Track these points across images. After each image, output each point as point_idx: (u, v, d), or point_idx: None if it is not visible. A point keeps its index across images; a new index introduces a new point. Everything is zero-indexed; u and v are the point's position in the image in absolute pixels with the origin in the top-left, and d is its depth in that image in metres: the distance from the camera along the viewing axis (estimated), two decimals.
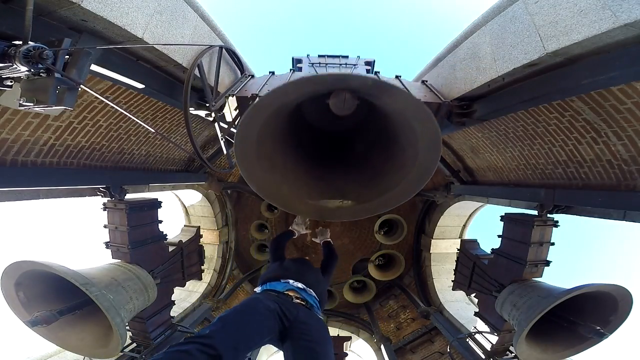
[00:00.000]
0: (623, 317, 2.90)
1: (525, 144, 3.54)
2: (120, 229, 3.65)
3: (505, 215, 4.00)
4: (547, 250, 3.62)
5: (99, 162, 3.51)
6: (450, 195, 5.68)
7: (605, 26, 1.72)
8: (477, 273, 4.31)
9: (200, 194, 6.58)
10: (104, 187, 3.60)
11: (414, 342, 6.44)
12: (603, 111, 2.48)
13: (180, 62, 2.77)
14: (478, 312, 4.47)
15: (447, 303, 6.33)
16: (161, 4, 2.42)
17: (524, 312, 3.09)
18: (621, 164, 2.67)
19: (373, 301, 7.83)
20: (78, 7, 1.74)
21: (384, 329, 7.18)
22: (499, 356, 4.10)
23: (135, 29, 2.13)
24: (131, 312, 3.19)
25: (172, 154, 4.77)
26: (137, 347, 4.04)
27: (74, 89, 1.51)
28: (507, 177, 4.26)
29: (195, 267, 5.09)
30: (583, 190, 3.13)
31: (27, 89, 1.37)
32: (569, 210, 3.42)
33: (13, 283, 2.69)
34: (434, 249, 7.04)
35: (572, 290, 2.80)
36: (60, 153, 2.98)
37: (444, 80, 3.79)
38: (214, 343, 1.44)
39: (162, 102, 3.46)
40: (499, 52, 2.64)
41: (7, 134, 2.44)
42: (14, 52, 1.24)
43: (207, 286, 7.11)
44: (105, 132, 3.28)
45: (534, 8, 2.25)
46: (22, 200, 2.84)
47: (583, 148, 2.91)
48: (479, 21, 3.01)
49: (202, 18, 3.13)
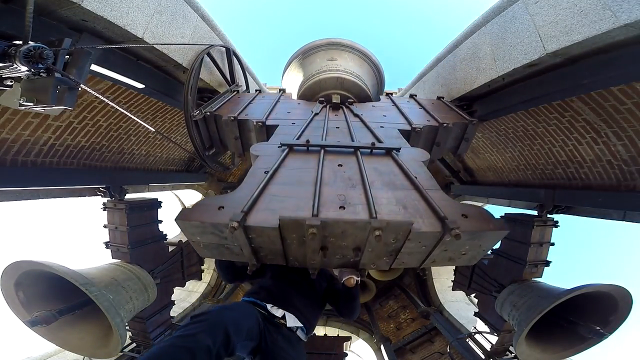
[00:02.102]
0: (623, 317, 2.89)
1: (525, 144, 3.54)
2: (120, 229, 3.65)
3: (505, 215, 4.00)
4: (547, 250, 3.62)
5: (99, 162, 3.51)
6: (450, 195, 5.68)
7: (605, 26, 1.72)
8: (477, 273, 4.31)
9: (200, 194, 6.58)
10: (104, 187, 3.60)
11: (414, 342, 6.44)
12: (603, 111, 2.48)
13: (180, 62, 2.77)
14: (478, 312, 4.47)
15: (447, 303, 6.33)
16: (161, 4, 2.42)
17: (523, 312, 3.09)
18: (621, 164, 2.67)
19: (373, 301, 7.84)
20: (78, 7, 1.74)
21: (384, 329, 7.18)
22: (499, 356, 4.10)
23: (135, 29, 2.13)
24: (131, 312, 3.19)
25: (172, 153, 4.77)
26: (137, 347, 4.03)
27: (74, 89, 1.51)
28: (507, 177, 4.26)
29: (195, 267, 5.09)
30: (583, 190, 3.13)
31: (27, 89, 1.37)
32: (569, 210, 3.42)
33: (13, 283, 2.69)
34: None
35: (571, 290, 2.80)
36: (60, 153, 2.98)
37: (444, 80, 3.79)
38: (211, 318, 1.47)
39: (162, 102, 3.46)
40: (499, 52, 2.64)
41: (7, 134, 2.44)
42: (14, 51, 1.24)
43: (207, 286, 7.12)
44: (105, 132, 3.28)
45: (534, 8, 2.25)
46: (22, 200, 2.84)
47: (583, 148, 2.92)
48: (479, 21, 3.01)
49: (202, 18, 3.14)
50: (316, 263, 1.57)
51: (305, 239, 1.41)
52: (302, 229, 1.36)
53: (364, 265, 1.60)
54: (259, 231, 1.42)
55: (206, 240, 1.53)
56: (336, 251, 1.52)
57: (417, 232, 1.38)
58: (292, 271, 2.28)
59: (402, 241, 1.42)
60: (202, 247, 1.59)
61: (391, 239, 1.40)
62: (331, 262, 1.61)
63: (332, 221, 1.38)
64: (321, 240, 1.43)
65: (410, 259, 1.56)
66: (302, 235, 1.40)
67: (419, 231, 1.38)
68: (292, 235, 1.42)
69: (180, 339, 1.33)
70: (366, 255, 1.49)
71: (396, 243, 1.43)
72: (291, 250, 1.53)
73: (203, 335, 1.35)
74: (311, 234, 1.34)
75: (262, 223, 1.42)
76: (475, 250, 1.52)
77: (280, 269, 2.32)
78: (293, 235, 1.42)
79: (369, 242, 1.41)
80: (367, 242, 1.41)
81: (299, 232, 1.39)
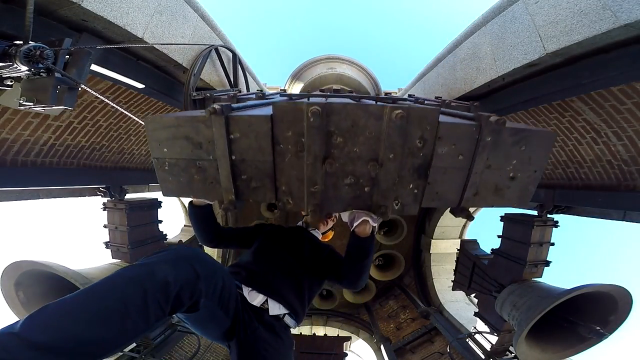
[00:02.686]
0: (623, 317, 2.89)
1: None
2: (120, 229, 3.66)
3: (505, 215, 4.00)
4: (547, 250, 3.61)
5: (99, 162, 3.51)
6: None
7: (605, 26, 1.72)
8: (477, 273, 4.31)
9: None
10: (104, 187, 3.60)
11: (414, 342, 6.43)
12: (603, 111, 2.48)
13: (180, 62, 2.77)
14: (478, 312, 4.46)
15: (447, 303, 6.33)
16: (161, 4, 2.42)
17: (523, 312, 3.09)
18: (621, 164, 2.67)
19: (373, 301, 7.83)
20: (78, 7, 1.74)
21: (384, 329, 7.17)
22: (499, 356, 4.10)
23: (135, 29, 2.13)
24: None
25: None
26: (137, 347, 4.03)
27: (74, 89, 1.51)
28: None
29: None
30: (583, 190, 3.13)
31: (27, 89, 1.38)
32: (569, 210, 3.42)
33: (13, 283, 2.69)
34: (434, 249, 7.04)
35: (571, 290, 2.80)
36: (60, 153, 2.98)
37: (444, 80, 3.79)
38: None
39: (162, 102, 3.46)
40: (499, 52, 2.64)
41: (7, 134, 2.44)
42: (15, 51, 1.24)
43: None
44: (105, 132, 3.28)
45: (534, 8, 2.25)
46: (22, 200, 2.85)
47: (583, 148, 2.92)
48: (479, 21, 3.01)
49: (202, 18, 3.14)
50: (317, 192, 1.17)
51: (304, 141, 1.11)
52: (302, 116, 1.07)
53: (385, 200, 1.18)
54: (244, 124, 1.10)
55: (174, 152, 1.18)
56: (346, 167, 1.15)
57: (448, 123, 1.10)
58: (281, 246, 1.83)
59: (431, 142, 1.11)
60: (166, 171, 1.21)
61: (416, 137, 1.09)
62: (339, 192, 1.19)
63: (339, 105, 1.07)
64: (325, 139, 1.11)
65: (445, 187, 1.19)
66: (301, 135, 1.10)
67: (449, 122, 1.11)
68: (287, 134, 1.11)
69: (132, 269, 0.97)
70: (386, 173, 1.13)
71: (424, 147, 1.12)
72: (284, 166, 1.16)
73: (164, 266, 0.97)
74: (312, 129, 1.06)
75: (250, 113, 1.14)
76: (525, 172, 1.21)
77: (266, 244, 1.84)
78: (289, 133, 1.11)
79: (388, 140, 1.07)
80: (386, 139, 1.07)
81: (297, 128, 1.10)
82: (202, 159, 1.17)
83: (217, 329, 1.31)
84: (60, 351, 0.76)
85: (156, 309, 0.91)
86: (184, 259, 1.04)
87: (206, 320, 1.24)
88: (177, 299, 0.96)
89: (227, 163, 1.14)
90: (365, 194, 1.20)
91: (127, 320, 0.85)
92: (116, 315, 0.84)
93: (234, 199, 1.18)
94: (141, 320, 0.88)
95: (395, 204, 1.20)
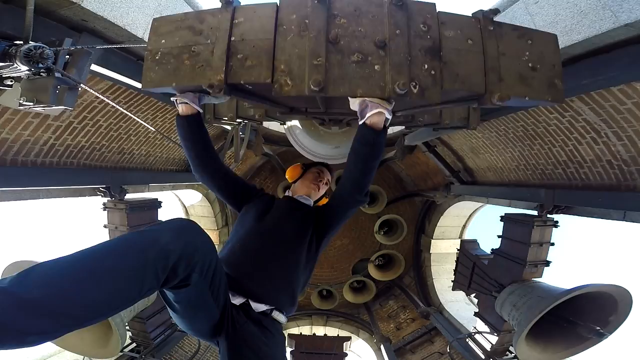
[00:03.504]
0: (623, 317, 2.89)
1: (525, 144, 3.54)
2: (120, 229, 3.66)
3: (505, 215, 4.00)
4: (546, 250, 3.62)
5: (99, 162, 3.51)
6: (450, 196, 5.68)
7: (605, 26, 1.72)
8: (477, 273, 4.31)
9: (200, 194, 6.58)
10: (104, 187, 3.60)
11: (414, 343, 6.44)
12: (603, 111, 2.48)
13: None
14: (478, 312, 4.47)
15: (447, 303, 6.33)
16: (161, 4, 2.42)
17: (523, 312, 3.09)
18: (621, 164, 2.67)
19: (373, 301, 7.83)
20: (78, 7, 1.74)
21: (384, 329, 7.18)
22: (499, 356, 4.10)
23: (135, 28, 2.13)
24: (131, 312, 3.19)
25: (172, 154, 4.77)
26: (137, 347, 4.04)
27: (74, 89, 1.51)
28: (507, 177, 4.26)
29: None
30: (583, 190, 3.13)
31: (27, 89, 1.38)
32: (569, 210, 3.42)
33: None
34: (434, 249, 7.04)
35: (571, 290, 2.80)
36: (60, 153, 2.98)
37: None
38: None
39: (162, 102, 3.46)
40: None
41: (7, 133, 2.44)
42: (15, 51, 1.24)
43: None
44: (105, 132, 3.28)
45: (534, 8, 2.25)
46: (22, 200, 2.85)
47: (583, 148, 2.91)
48: None
49: None
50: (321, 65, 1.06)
51: (307, 22, 1.10)
52: (306, 2, 1.12)
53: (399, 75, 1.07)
54: (250, 11, 1.15)
55: (171, 42, 1.16)
56: (352, 44, 1.09)
57: (448, 13, 1.17)
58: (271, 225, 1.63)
59: (435, 27, 1.13)
60: (156, 60, 1.17)
61: (420, 23, 1.12)
62: (346, 70, 1.08)
63: None
64: (329, 20, 1.11)
65: (464, 70, 1.12)
66: (305, 17, 1.11)
67: (449, 12, 1.18)
68: (291, 17, 1.12)
69: (136, 234, 0.96)
70: (397, 47, 1.07)
71: (430, 31, 1.12)
72: (286, 44, 1.10)
73: (168, 234, 0.95)
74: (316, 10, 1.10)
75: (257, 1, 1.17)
76: (544, 65, 1.20)
77: (254, 224, 1.63)
78: (293, 16, 1.12)
79: (392, 19, 1.09)
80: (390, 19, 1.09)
81: (301, 12, 1.13)
82: (199, 44, 1.14)
83: (206, 321, 1.25)
84: (45, 311, 0.73)
85: (152, 278, 0.89)
86: (187, 229, 1.03)
87: (195, 306, 1.17)
88: (172, 270, 0.93)
89: (224, 43, 1.10)
90: (376, 74, 1.08)
91: (120, 282, 0.83)
92: (110, 276, 0.82)
93: (222, 78, 1.08)
94: (134, 287, 0.86)
95: (413, 86, 1.07)
